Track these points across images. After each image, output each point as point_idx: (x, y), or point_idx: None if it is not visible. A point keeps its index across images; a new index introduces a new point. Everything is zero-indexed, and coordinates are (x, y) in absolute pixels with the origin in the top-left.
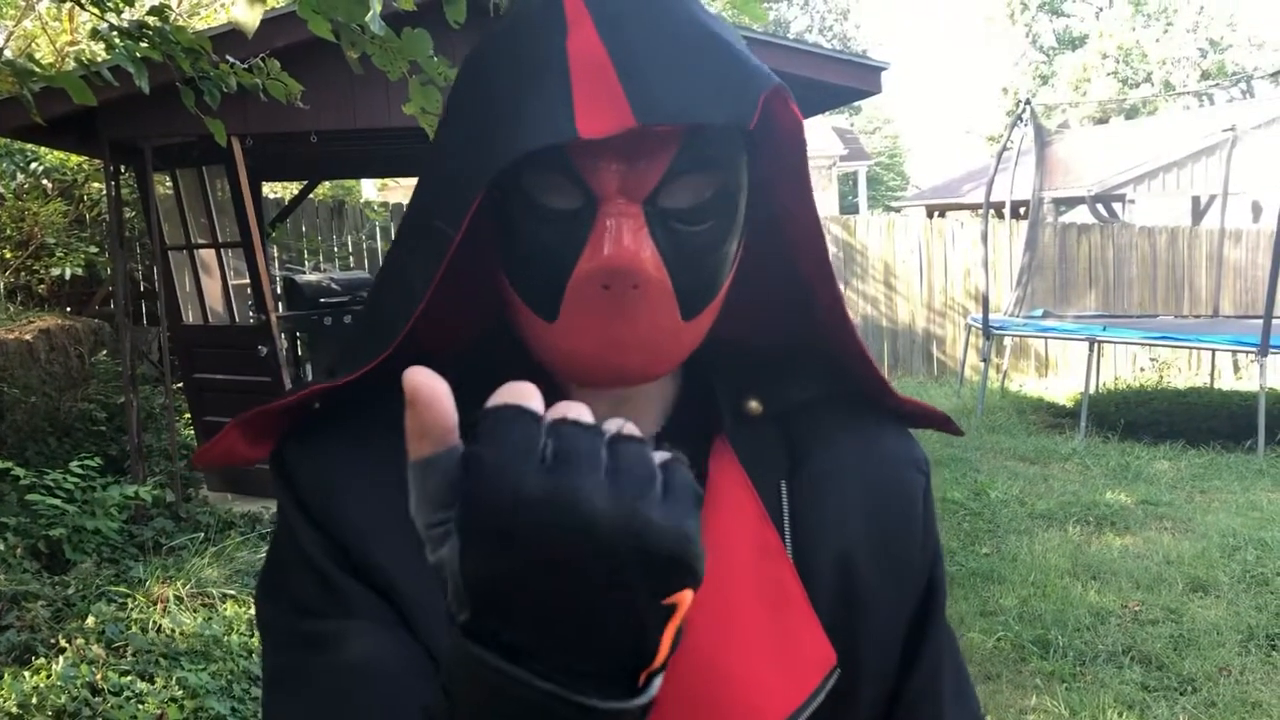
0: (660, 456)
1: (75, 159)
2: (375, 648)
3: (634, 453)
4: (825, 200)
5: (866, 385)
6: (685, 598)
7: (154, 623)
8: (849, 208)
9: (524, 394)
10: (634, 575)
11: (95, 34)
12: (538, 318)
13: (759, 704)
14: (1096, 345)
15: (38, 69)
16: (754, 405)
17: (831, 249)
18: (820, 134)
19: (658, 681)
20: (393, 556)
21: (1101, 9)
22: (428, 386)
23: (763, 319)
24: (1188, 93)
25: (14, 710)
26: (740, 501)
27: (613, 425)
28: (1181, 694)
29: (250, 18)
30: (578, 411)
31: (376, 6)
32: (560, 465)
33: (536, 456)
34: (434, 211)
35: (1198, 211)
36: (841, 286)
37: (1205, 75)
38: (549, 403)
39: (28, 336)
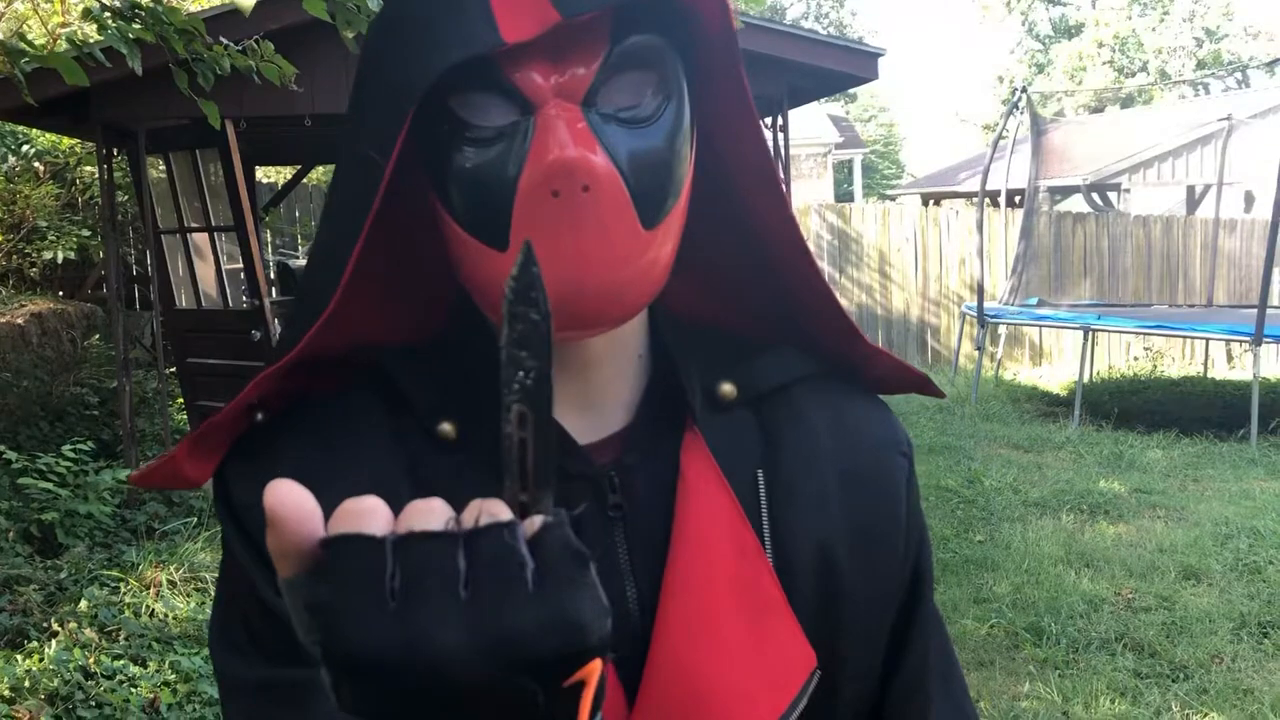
0: (535, 524)
1: (67, 141)
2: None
3: (494, 548)
4: (820, 188)
5: (846, 355)
6: (593, 668)
7: (147, 607)
8: (844, 195)
9: (363, 515)
10: (520, 686)
11: (87, 14)
12: (488, 250)
13: (741, 713)
14: (1091, 334)
15: (30, 49)
16: (727, 389)
17: (827, 237)
18: (816, 121)
19: None
20: None
21: None
22: (290, 504)
23: (727, 294)
24: (1183, 82)
25: (6, 693)
26: (715, 499)
27: (470, 515)
28: (1174, 681)
29: None
30: (425, 518)
31: None
32: (409, 599)
33: (382, 593)
34: (365, 142)
35: (1192, 201)
36: (836, 275)
37: (1201, 64)
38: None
39: (19, 320)
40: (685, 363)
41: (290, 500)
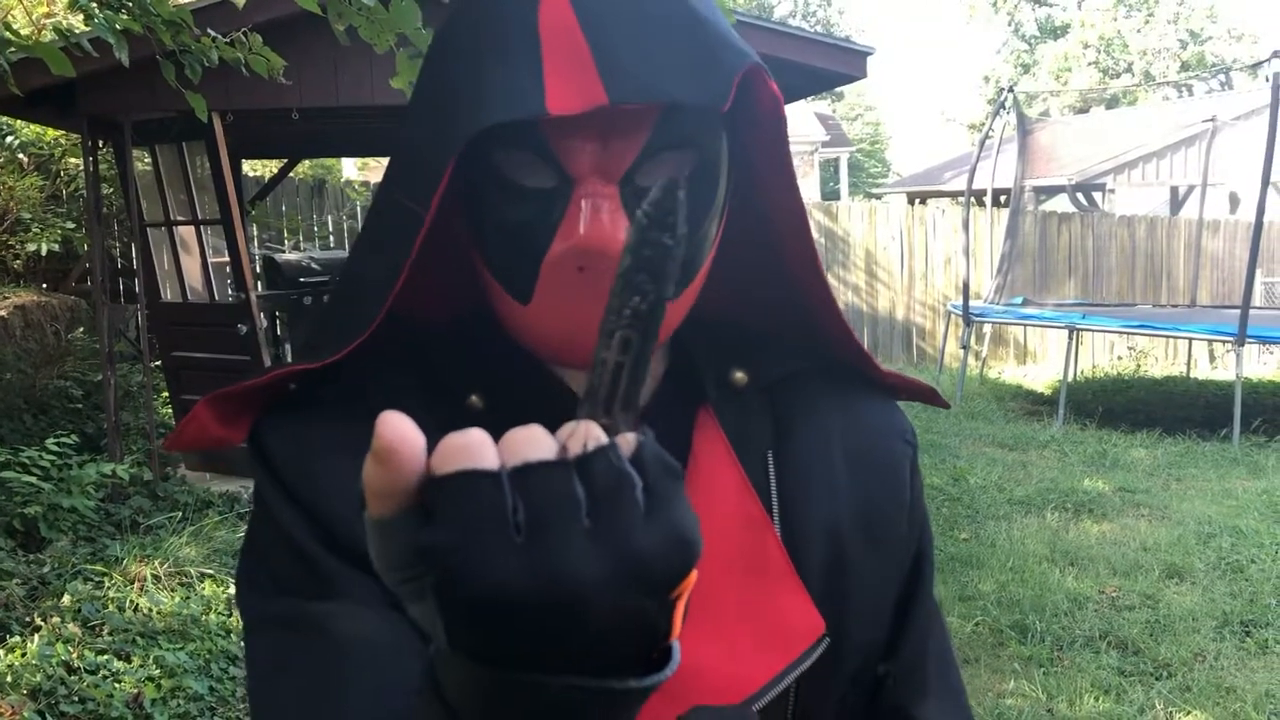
0: (629, 441)
1: (52, 133)
2: (363, 627)
3: (607, 470)
4: (807, 186)
5: (851, 360)
6: (692, 578)
7: (131, 602)
8: (830, 194)
9: (473, 449)
10: (638, 606)
11: (74, 4)
12: (513, 300)
13: (735, 673)
14: (1075, 333)
15: (15, 39)
16: (739, 376)
17: (814, 236)
18: (803, 119)
19: (677, 648)
20: None
21: None
22: (405, 439)
23: (747, 300)
24: (1168, 83)
25: None
26: (723, 473)
27: (576, 442)
28: (1157, 679)
29: None
30: (535, 447)
31: None
32: (537, 534)
33: (507, 530)
34: (404, 188)
35: (1176, 201)
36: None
37: (1185, 66)
38: (533, 383)
39: (3, 313)
40: (700, 351)
41: (404, 435)
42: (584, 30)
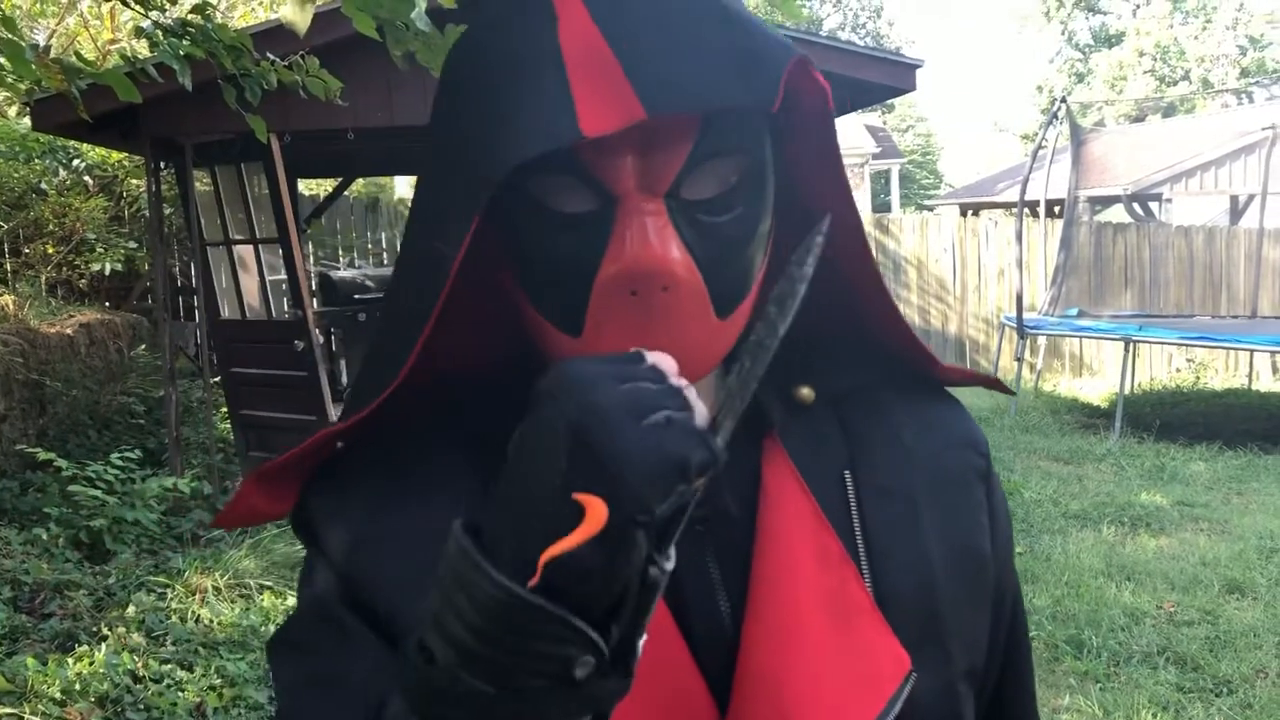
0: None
1: (116, 156)
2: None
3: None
4: (858, 199)
5: (916, 363)
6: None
7: (193, 613)
8: (881, 206)
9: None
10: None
11: (139, 32)
12: (562, 334)
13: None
14: (1132, 345)
15: (85, 66)
16: (805, 393)
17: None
18: (853, 131)
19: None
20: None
21: (1138, 6)
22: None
23: (804, 311)
24: (1226, 90)
25: (57, 695)
26: (796, 506)
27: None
28: (1217, 696)
29: (302, 18)
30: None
31: (421, 4)
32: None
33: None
34: (433, 229)
35: (1236, 211)
36: None
37: (1244, 73)
38: None
39: (69, 330)
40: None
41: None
42: (610, 42)
